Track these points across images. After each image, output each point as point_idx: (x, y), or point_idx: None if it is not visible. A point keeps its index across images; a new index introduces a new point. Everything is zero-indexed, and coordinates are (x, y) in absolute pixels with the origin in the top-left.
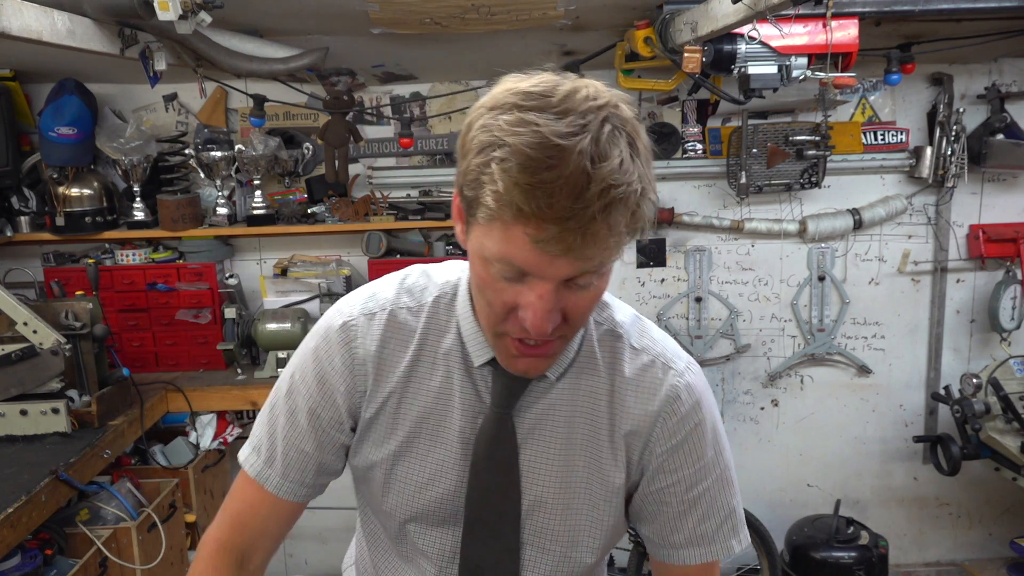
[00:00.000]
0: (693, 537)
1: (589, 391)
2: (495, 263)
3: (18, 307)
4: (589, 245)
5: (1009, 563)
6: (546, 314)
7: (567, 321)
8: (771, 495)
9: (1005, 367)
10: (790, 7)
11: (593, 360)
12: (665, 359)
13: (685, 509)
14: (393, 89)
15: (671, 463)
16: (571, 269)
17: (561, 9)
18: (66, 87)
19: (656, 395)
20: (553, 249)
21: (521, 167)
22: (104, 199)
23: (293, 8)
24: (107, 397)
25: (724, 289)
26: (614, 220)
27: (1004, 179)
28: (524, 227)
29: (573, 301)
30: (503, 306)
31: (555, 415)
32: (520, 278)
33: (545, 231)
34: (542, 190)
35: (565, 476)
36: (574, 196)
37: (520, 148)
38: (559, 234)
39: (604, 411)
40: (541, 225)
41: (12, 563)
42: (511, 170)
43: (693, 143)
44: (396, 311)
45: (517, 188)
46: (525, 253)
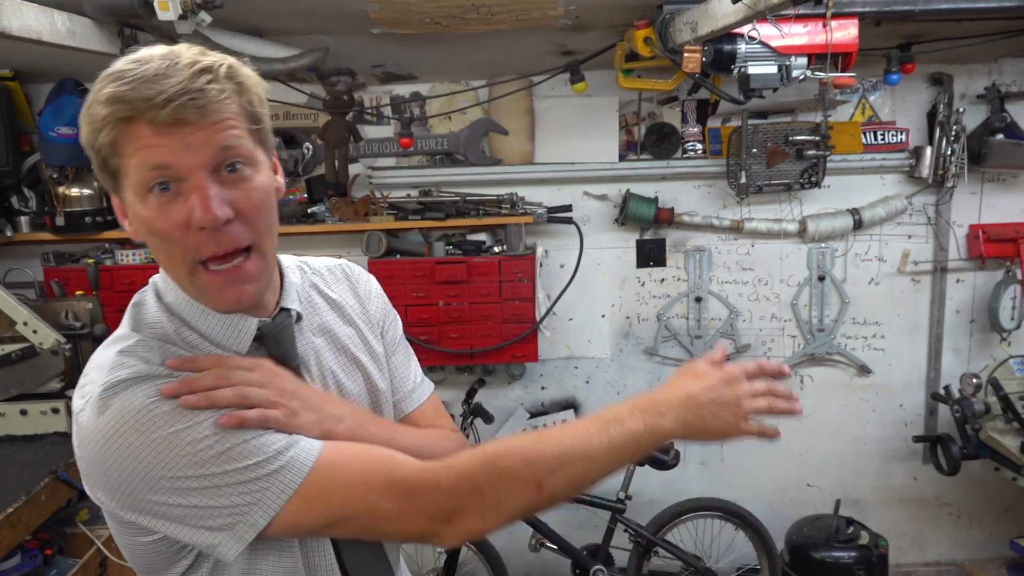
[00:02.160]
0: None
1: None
2: (146, 186)
3: (18, 307)
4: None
5: (1009, 563)
6: (210, 199)
7: (241, 217)
8: (771, 495)
9: (1005, 367)
10: (790, 7)
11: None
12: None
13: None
14: (393, 89)
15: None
16: (206, 144)
17: (561, 9)
18: (66, 87)
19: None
20: (170, 117)
21: (114, 83)
22: (104, 199)
23: (293, 8)
24: None
25: (724, 289)
26: (213, 82)
27: (1004, 179)
28: (141, 120)
29: (235, 195)
30: (178, 227)
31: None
32: (176, 192)
33: (155, 108)
34: (138, 81)
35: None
36: (165, 74)
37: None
38: (168, 102)
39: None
40: (151, 105)
41: (12, 563)
42: (107, 92)
43: (693, 143)
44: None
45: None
46: (156, 146)
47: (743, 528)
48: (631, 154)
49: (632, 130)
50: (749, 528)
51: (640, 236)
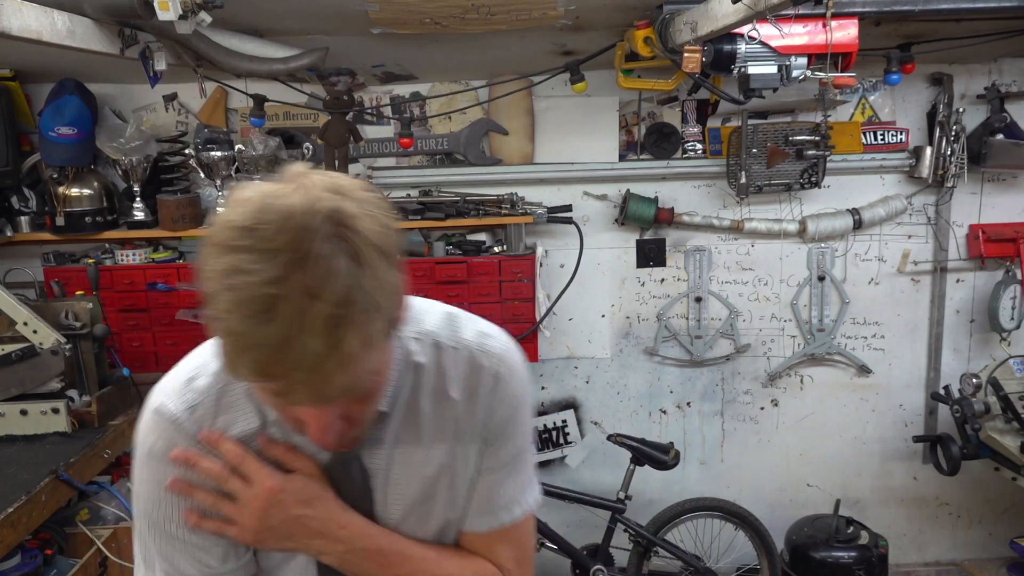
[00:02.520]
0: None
1: (428, 406)
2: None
3: (18, 307)
4: (336, 381)
5: (1009, 563)
6: (327, 431)
7: (354, 424)
8: (771, 495)
9: (1005, 367)
10: (790, 7)
11: (420, 375)
12: (482, 348)
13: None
14: (393, 89)
15: (500, 439)
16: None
17: (561, 9)
18: (66, 87)
19: (481, 382)
20: (298, 400)
21: (233, 331)
22: (104, 199)
23: (293, 8)
24: (107, 397)
25: (724, 289)
26: (351, 351)
27: (1004, 179)
28: (266, 387)
29: (354, 408)
30: (289, 420)
31: (404, 439)
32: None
33: (280, 386)
34: (259, 351)
35: (422, 495)
36: (294, 350)
37: (230, 308)
38: (295, 386)
39: (448, 418)
40: (280, 383)
41: (12, 563)
42: (228, 333)
43: (693, 143)
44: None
45: (236, 353)
46: (276, 404)
47: (743, 528)
48: (631, 154)
49: (632, 130)
50: (749, 528)
51: (640, 236)
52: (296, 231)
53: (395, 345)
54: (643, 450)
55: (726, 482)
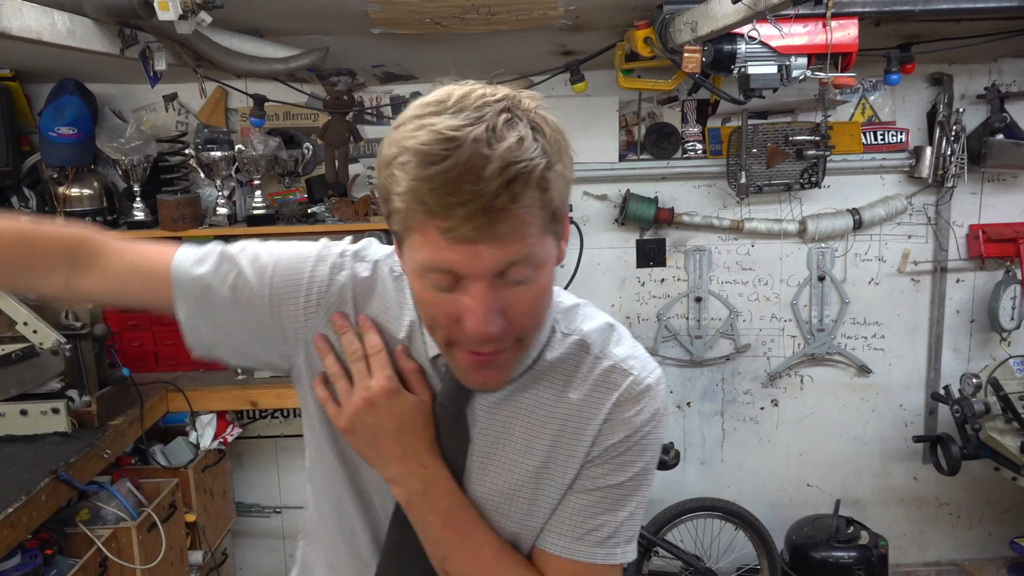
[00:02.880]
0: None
1: (550, 401)
2: (426, 274)
3: (18, 307)
4: (503, 227)
5: (1009, 563)
6: (485, 314)
7: (511, 323)
8: (771, 495)
9: (1005, 367)
10: (790, 7)
11: (555, 370)
12: (627, 366)
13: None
14: (393, 89)
15: (607, 461)
16: (496, 258)
17: (561, 9)
18: (66, 87)
19: (608, 397)
20: (466, 235)
21: (418, 163)
22: (104, 199)
23: (293, 8)
24: (107, 397)
25: (724, 289)
26: (521, 196)
27: (1004, 179)
28: (434, 222)
29: (513, 299)
30: (447, 318)
31: (513, 424)
32: (454, 285)
33: (453, 218)
34: (441, 179)
35: (510, 488)
36: (473, 178)
37: (416, 147)
38: (467, 217)
39: (565, 423)
40: (448, 214)
41: (12, 563)
42: (409, 168)
43: (693, 143)
44: (381, 271)
45: (418, 183)
46: (444, 250)
47: (743, 528)
48: (631, 154)
49: (632, 130)
50: (749, 528)
51: (640, 236)
52: (477, 99)
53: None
54: None
55: (726, 482)
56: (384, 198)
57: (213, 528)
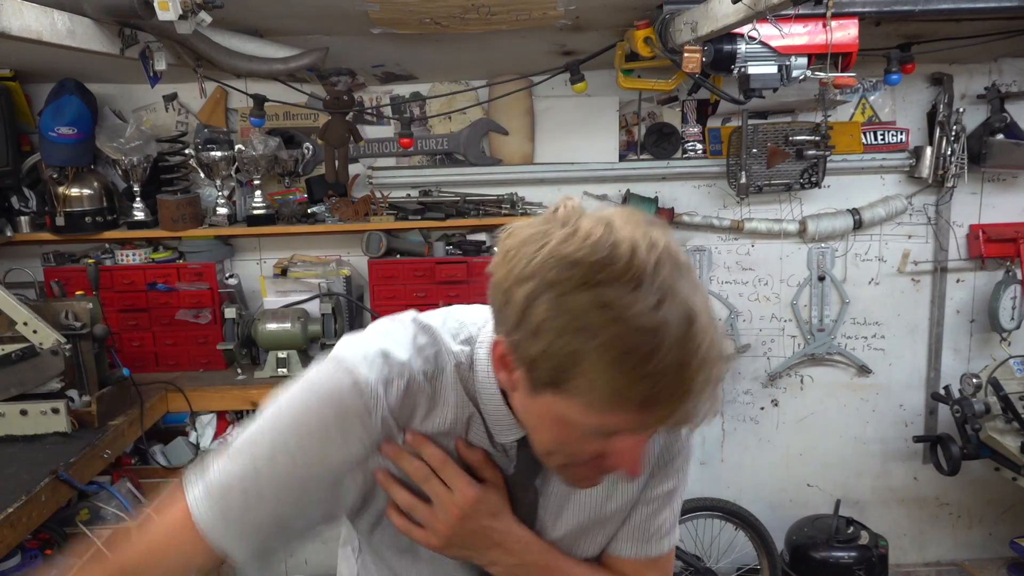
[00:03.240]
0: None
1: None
2: (585, 430)
3: (18, 307)
4: (699, 402)
5: (1009, 563)
6: (640, 460)
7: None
8: (771, 495)
9: (1005, 367)
10: (790, 7)
11: None
12: None
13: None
14: (393, 89)
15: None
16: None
17: (561, 9)
18: (66, 87)
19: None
20: (658, 424)
21: (622, 362)
22: (104, 199)
23: (293, 8)
24: (107, 397)
25: (724, 289)
26: (709, 393)
27: (1004, 179)
28: (633, 414)
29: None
30: (587, 455)
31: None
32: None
33: (654, 414)
34: (649, 381)
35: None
36: (679, 379)
37: (616, 342)
38: (666, 414)
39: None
40: (650, 410)
41: (12, 563)
42: (614, 364)
43: (693, 143)
44: (413, 378)
45: (623, 381)
46: (627, 429)
47: (743, 528)
48: (631, 154)
49: (632, 130)
50: (749, 528)
51: None
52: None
53: None
54: None
55: (726, 482)
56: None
57: None
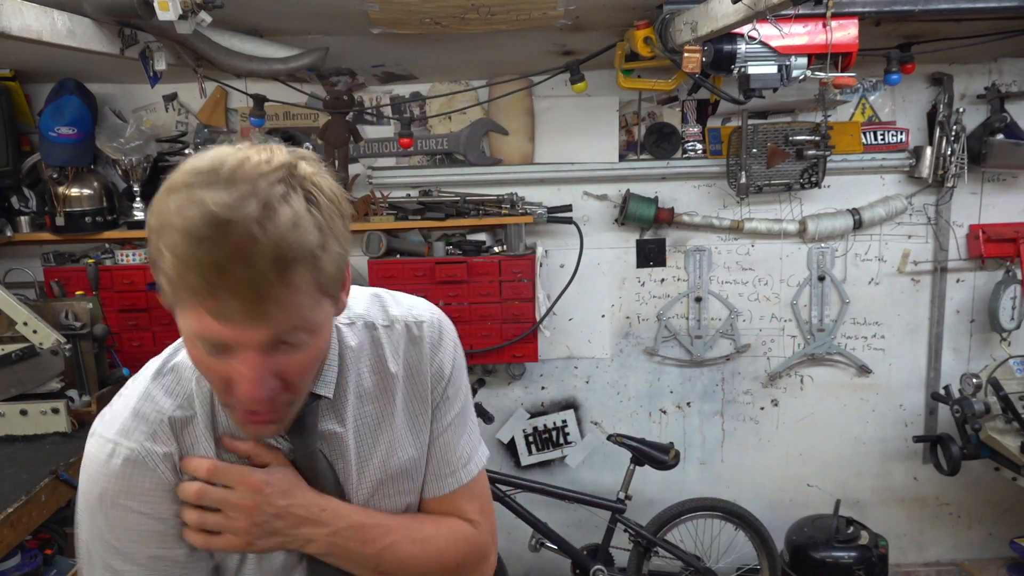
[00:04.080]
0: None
1: (371, 385)
2: (196, 341)
3: (18, 307)
4: (273, 309)
5: (1009, 563)
6: (256, 382)
7: (288, 385)
8: (771, 495)
9: (1005, 367)
10: (790, 7)
11: (359, 358)
12: (413, 318)
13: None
14: (393, 89)
15: (445, 399)
16: (265, 334)
17: (561, 9)
18: (66, 87)
19: (422, 349)
20: (237, 320)
21: (187, 246)
22: (104, 199)
23: (293, 8)
24: (107, 397)
25: (724, 289)
26: (291, 279)
27: (1004, 179)
28: (203, 304)
29: (287, 364)
30: (220, 380)
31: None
32: (225, 350)
33: (224, 304)
34: (210, 266)
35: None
36: (244, 265)
37: (184, 227)
38: (239, 305)
39: (393, 398)
40: (218, 299)
41: (12, 563)
42: (177, 250)
43: (693, 143)
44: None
45: (186, 268)
46: (213, 329)
47: (743, 528)
48: (631, 154)
49: (632, 130)
50: (749, 528)
51: (640, 236)
52: (252, 169)
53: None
54: (643, 450)
55: (726, 482)
56: (153, 269)
57: None
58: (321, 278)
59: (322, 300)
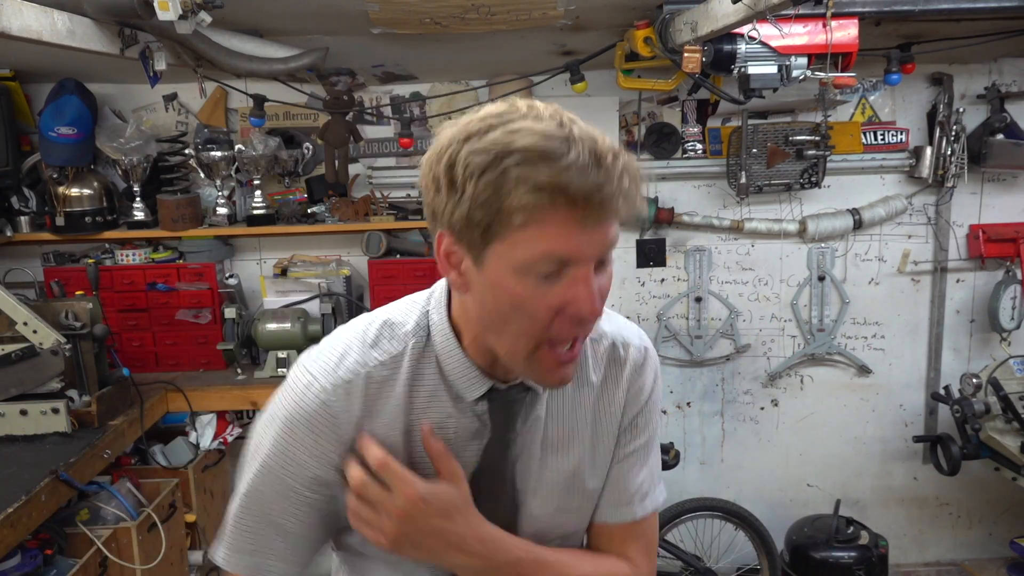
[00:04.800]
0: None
1: (576, 394)
2: (535, 266)
3: (18, 307)
4: (622, 206)
5: (1009, 563)
6: (595, 294)
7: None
8: (771, 495)
9: (1005, 367)
10: (790, 7)
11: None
12: (625, 338)
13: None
14: (393, 89)
15: (634, 427)
16: (605, 242)
17: (561, 9)
18: (66, 87)
19: (623, 371)
20: (595, 220)
21: (545, 160)
22: (104, 199)
23: (293, 8)
24: (107, 397)
25: (724, 289)
26: (632, 178)
27: (1004, 179)
28: (568, 211)
29: (604, 284)
30: (548, 311)
31: (542, 435)
32: (559, 275)
33: (591, 203)
34: (573, 171)
35: (556, 480)
36: (597, 166)
37: (533, 146)
38: (600, 203)
39: (585, 407)
40: (589, 199)
41: (12, 563)
42: (538, 164)
43: (693, 143)
44: (372, 373)
45: (551, 178)
46: (568, 238)
47: (743, 528)
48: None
49: (632, 130)
50: (749, 528)
51: (640, 236)
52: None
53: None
54: None
55: (726, 482)
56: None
57: (213, 528)
58: (640, 194)
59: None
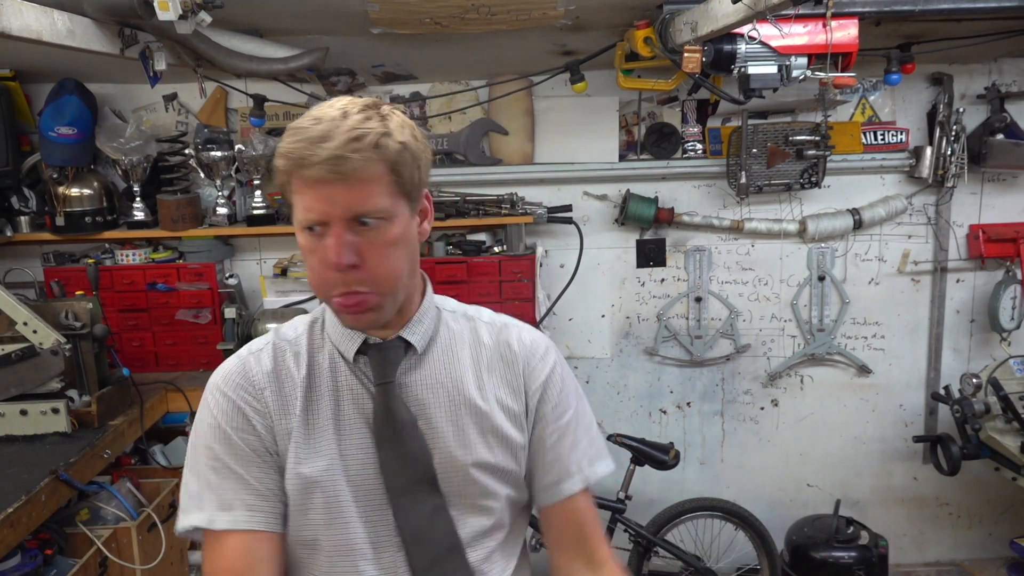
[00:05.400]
0: (568, 467)
1: (460, 359)
2: (304, 227)
3: (18, 307)
4: (346, 167)
5: (1009, 563)
6: (340, 247)
7: (366, 263)
8: (771, 495)
9: (1005, 367)
10: (790, 7)
11: (454, 335)
12: (515, 324)
13: (556, 440)
14: (393, 89)
15: (543, 400)
16: (346, 201)
17: (561, 9)
18: (66, 87)
19: (516, 349)
20: (321, 175)
21: (292, 135)
22: (104, 199)
23: (293, 8)
24: (107, 397)
25: (724, 289)
26: (360, 149)
27: (1004, 179)
28: (301, 172)
29: (366, 243)
30: (321, 263)
31: (436, 384)
32: (323, 234)
33: (312, 165)
34: (305, 140)
35: (461, 436)
36: (329, 138)
37: (292, 127)
38: (321, 162)
39: (477, 375)
40: (309, 161)
41: (12, 563)
42: (287, 139)
43: (693, 143)
44: (278, 343)
45: (291, 148)
46: (310, 198)
47: (743, 528)
48: (631, 154)
49: (632, 130)
50: (749, 528)
51: (640, 236)
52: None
53: (429, 303)
54: (643, 450)
55: (726, 482)
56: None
57: None
58: (390, 166)
59: (398, 198)
